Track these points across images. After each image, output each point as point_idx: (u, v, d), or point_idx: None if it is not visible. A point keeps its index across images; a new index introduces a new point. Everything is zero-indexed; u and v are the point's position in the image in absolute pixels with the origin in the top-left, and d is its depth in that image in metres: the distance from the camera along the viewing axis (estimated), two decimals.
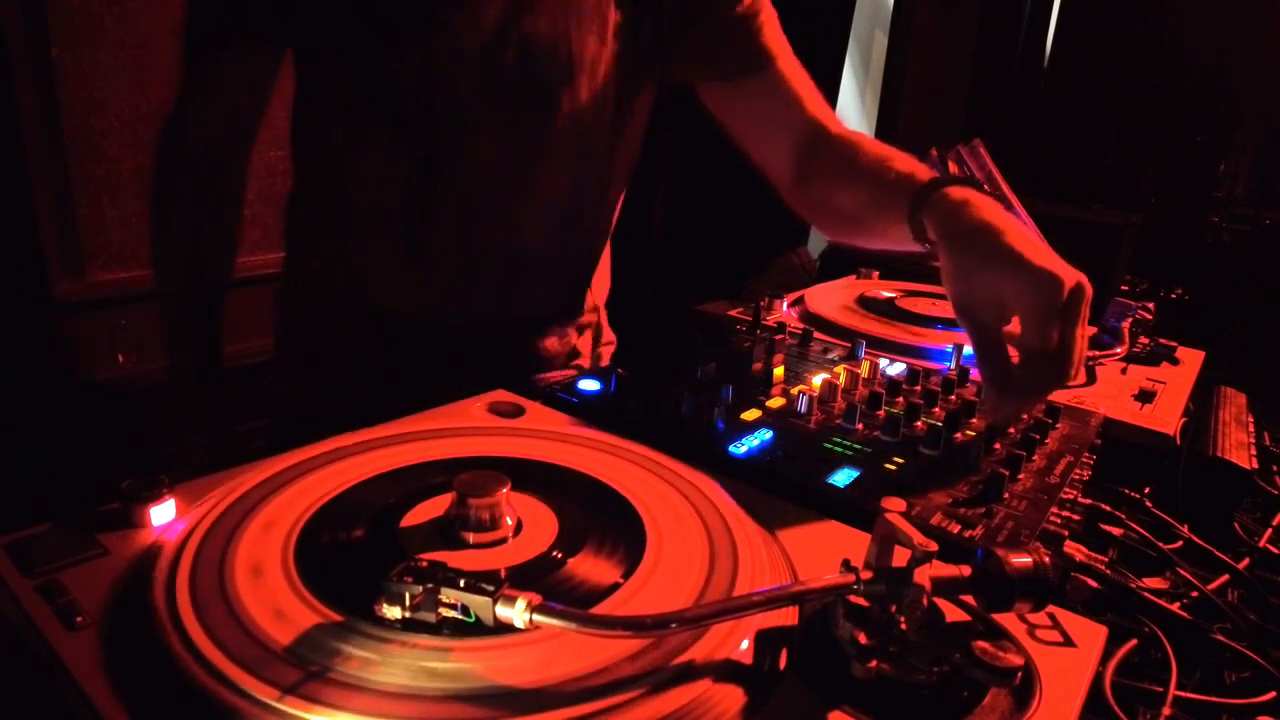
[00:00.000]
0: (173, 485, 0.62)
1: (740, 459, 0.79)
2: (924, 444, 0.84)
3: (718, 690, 0.47)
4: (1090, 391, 1.08)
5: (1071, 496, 0.80)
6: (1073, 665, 0.53)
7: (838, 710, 0.47)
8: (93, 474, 1.49)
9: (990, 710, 0.48)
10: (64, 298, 1.69)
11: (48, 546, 0.56)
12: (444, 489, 0.62)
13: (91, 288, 1.73)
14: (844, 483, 0.75)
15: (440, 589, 0.47)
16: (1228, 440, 0.96)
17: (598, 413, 0.89)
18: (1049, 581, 0.49)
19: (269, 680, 0.44)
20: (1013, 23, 4.63)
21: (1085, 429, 0.93)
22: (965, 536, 0.67)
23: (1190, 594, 0.74)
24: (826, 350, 1.16)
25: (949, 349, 1.15)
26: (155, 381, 1.77)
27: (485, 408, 0.86)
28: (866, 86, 4.26)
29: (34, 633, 0.49)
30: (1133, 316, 1.25)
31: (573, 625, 0.45)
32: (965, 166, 2.19)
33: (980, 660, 0.46)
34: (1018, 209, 2.24)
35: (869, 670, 0.47)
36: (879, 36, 4.19)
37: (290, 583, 0.53)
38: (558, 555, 0.59)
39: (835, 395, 0.96)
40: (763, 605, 0.48)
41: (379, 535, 0.60)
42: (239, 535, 0.58)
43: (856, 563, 0.50)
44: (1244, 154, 4.74)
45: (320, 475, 0.67)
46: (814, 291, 1.49)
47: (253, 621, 0.49)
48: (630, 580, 0.56)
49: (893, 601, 0.48)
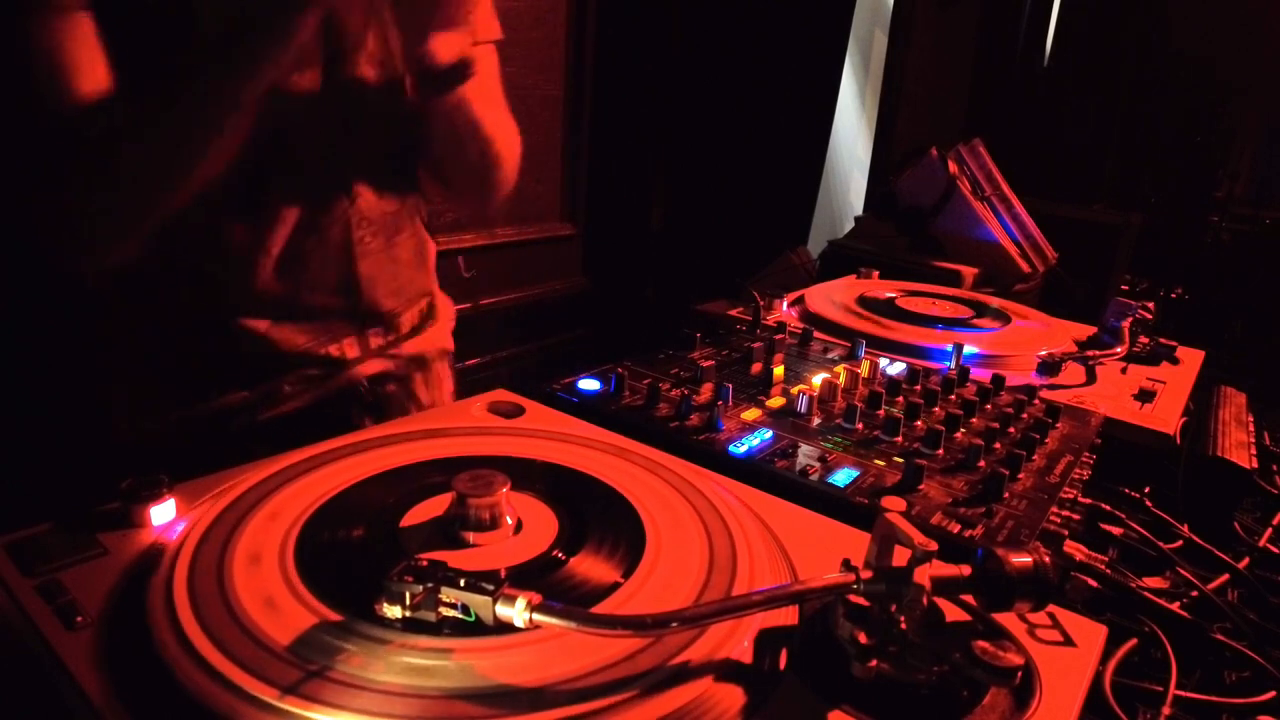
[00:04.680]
0: (173, 485, 0.62)
1: (740, 459, 0.79)
2: (924, 444, 0.84)
3: (718, 690, 0.47)
4: (1090, 391, 1.08)
5: (1071, 496, 0.80)
6: (1073, 665, 0.53)
7: (838, 710, 0.47)
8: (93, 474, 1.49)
9: (990, 710, 0.48)
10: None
11: (48, 546, 0.56)
12: (444, 489, 0.62)
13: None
14: (844, 483, 0.75)
15: (440, 588, 0.47)
16: (1228, 440, 0.96)
17: (598, 413, 0.89)
18: (1049, 581, 0.49)
19: (268, 679, 0.44)
20: (1013, 23, 4.64)
21: (1085, 429, 0.93)
22: (965, 536, 0.67)
23: (1190, 594, 0.74)
24: (826, 350, 1.16)
25: (949, 349, 1.15)
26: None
27: (485, 407, 0.86)
28: (866, 86, 4.26)
29: (34, 632, 0.49)
30: (1133, 316, 1.25)
31: (573, 624, 0.45)
32: (965, 166, 2.19)
33: (980, 660, 0.46)
34: (1018, 209, 2.25)
35: (869, 670, 0.47)
36: (879, 36, 4.19)
37: (289, 583, 0.53)
38: (558, 555, 0.59)
39: (835, 395, 0.96)
40: (762, 605, 0.48)
41: (379, 535, 0.60)
42: (238, 535, 0.58)
43: (856, 562, 0.50)
44: (1244, 154, 4.74)
45: (320, 475, 0.67)
46: (814, 291, 1.49)
47: (251, 621, 0.49)
48: (630, 580, 0.56)
49: (893, 601, 0.48)
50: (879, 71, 4.20)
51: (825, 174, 3.75)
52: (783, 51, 3.10)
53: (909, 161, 2.22)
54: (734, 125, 3.03)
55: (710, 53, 2.80)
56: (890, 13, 4.10)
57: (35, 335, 1.20)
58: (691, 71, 2.76)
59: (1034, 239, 2.25)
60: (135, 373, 0.98)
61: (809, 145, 3.51)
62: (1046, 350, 1.17)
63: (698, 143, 2.97)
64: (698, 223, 3.06)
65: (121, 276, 0.92)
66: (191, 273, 0.93)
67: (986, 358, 1.16)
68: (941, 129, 4.06)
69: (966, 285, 1.98)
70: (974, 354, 1.16)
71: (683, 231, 3.04)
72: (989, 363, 1.16)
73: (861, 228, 2.38)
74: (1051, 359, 1.12)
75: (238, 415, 0.96)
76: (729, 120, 3.02)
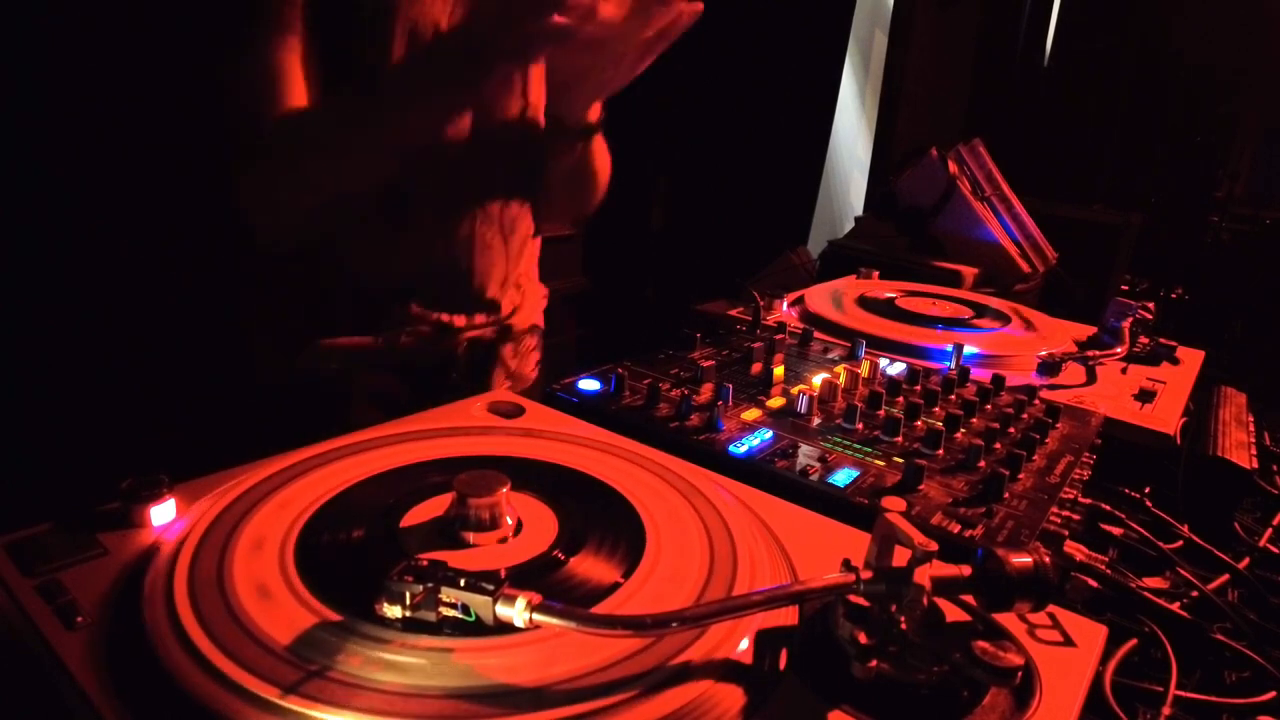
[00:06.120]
0: (173, 485, 0.62)
1: (740, 459, 0.79)
2: (924, 444, 0.84)
3: (718, 690, 0.47)
4: (1090, 391, 1.08)
5: (1071, 496, 0.80)
6: (1073, 665, 0.53)
7: (838, 710, 0.47)
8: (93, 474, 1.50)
9: (990, 710, 0.48)
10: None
11: (48, 546, 0.56)
12: (444, 489, 0.62)
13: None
14: (844, 483, 0.75)
15: (440, 588, 0.47)
16: (1228, 440, 0.96)
17: (598, 413, 0.89)
18: (1049, 581, 0.49)
19: (269, 679, 0.44)
20: (1013, 23, 4.64)
21: (1085, 429, 0.93)
22: (965, 536, 0.67)
23: (1190, 594, 0.74)
24: (826, 350, 1.16)
25: (949, 349, 1.15)
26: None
27: (485, 407, 0.86)
28: (866, 86, 4.26)
29: (34, 632, 0.49)
30: (1133, 316, 1.25)
31: (573, 624, 0.45)
32: (965, 166, 2.19)
33: (980, 660, 0.46)
34: (1018, 209, 2.25)
35: (869, 670, 0.47)
36: (879, 36, 4.19)
37: (289, 582, 0.53)
38: (558, 555, 0.59)
39: (835, 395, 0.96)
40: (762, 605, 0.48)
41: (379, 535, 0.60)
42: (239, 535, 0.58)
43: (856, 562, 0.50)
44: (1244, 154, 4.74)
45: (320, 475, 0.67)
46: (814, 291, 1.49)
47: (251, 621, 0.49)
48: (630, 580, 0.56)
49: (893, 601, 0.48)
50: (879, 71, 4.20)
51: (825, 174, 3.75)
52: (783, 51, 3.11)
53: (909, 161, 2.22)
54: (734, 125, 3.04)
55: (710, 53, 2.80)
56: (890, 13, 4.11)
57: (34, 336, 1.24)
58: (691, 71, 2.76)
59: (1034, 239, 2.25)
60: (281, 324, 1.14)
61: (809, 145, 3.51)
62: (1046, 350, 1.17)
63: (698, 142, 2.97)
64: (698, 223, 3.06)
65: (286, 247, 1.09)
66: (341, 249, 1.09)
67: (986, 358, 1.16)
68: (941, 129, 4.06)
69: (966, 285, 1.98)
70: (974, 354, 1.16)
71: (683, 231, 3.04)
72: (989, 363, 1.16)
73: (861, 228, 2.38)
74: (1051, 359, 1.12)
75: (363, 354, 1.12)
76: (729, 120, 3.02)
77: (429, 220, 1.12)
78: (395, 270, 1.12)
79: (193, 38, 1.26)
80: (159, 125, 1.35)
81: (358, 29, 1.00)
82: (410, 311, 1.13)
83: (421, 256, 1.13)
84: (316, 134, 0.99)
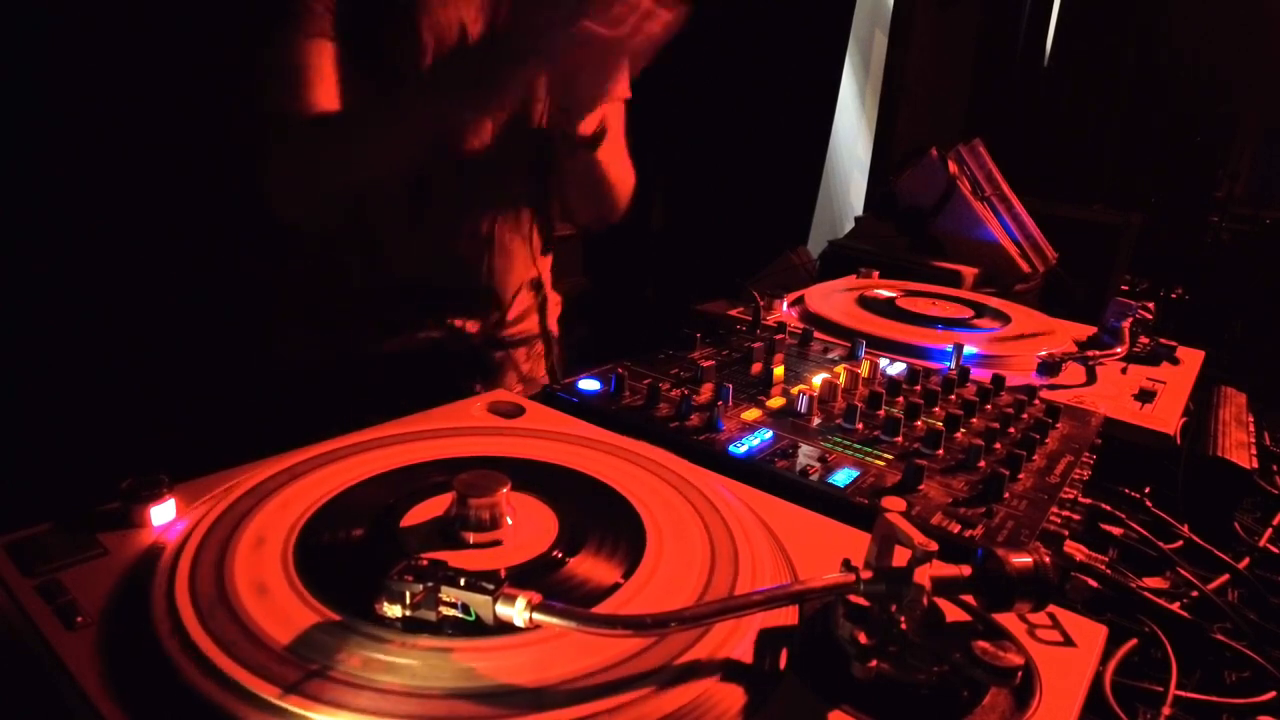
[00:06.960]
0: (173, 485, 0.62)
1: (740, 459, 0.79)
2: (924, 444, 0.84)
3: (718, 690, 0.47)
4: (1090, 391, 1.08)
5: (1071, 496, 0.80)
6: (1073, 665, 0.53)
7: (838, 710, 0.47)
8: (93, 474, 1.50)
9: (990, 710, 0.48)
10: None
11: (48, 546, 0.56)
12: (444, 489, 0.62)
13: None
14: (844, 483, 0.75)
15: (441, 587, 0.47)
16: (1228, 440, 0.96)
17: (598, 413, 0.89)
18: (1049, 581, 0.49)
19: (269, 679, 0.44)
20: (1013, 23, 4.63)
21: (1085, 429, 0.93)
22: (965, 536, 0.67)
23: (1190, 594, 0.74)
24: (826, 350, 1.16)
25: (949, 349, 1.15)
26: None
27: (485, 408, 0.86)
28: (866, 86, 4.27)
29: (34, 632, 0.49)
30: (1133, 316, 1.25)
31: (573, 624, 0.45)
32: (965, 166, 2.19)
33: (980, 660, 0.46)
34: (1018, 209, 2.25)
35: (869, 670, 0.47)
36: (879, 36, 4.19)
37: (290, 582, 0.53)
38: (558, 555, 0.59)
39: (835, 395, 0.96)
40: (763, 605, 0.48)
41: (379, 535, 0.60)
42: (239, 534, 0.58)
43: (856, 562, 0.50)
44: (1244, 154, 4.74)
45: (321, 475, 0.67)
46: (814, 291, 1.49)
47: (251, 620, 0.49)
48: (630, 580, 0.56)
49: (893, 601, 0.48)
50: (879, 71, 4.20)
51: (825, 174, 3.75)
52: (783, 51, 3.10)
53: (909, 161, 2.22)
54: (734, 125, 3.03)
55: (710, 53, 2.79)
56: (890, 13, 4.11)
57: (34, 336, 1.24)
58: (691, 71, 2.75)
59: (1034, 239, 2.25)
60: (302, 314, 1.17)
61: (809, 145, 3.51)
62: (1046, 350, 1.17)
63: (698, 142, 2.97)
64: (698, 223, 3.06)
65: (308, 236, 1.13)
66: (361, 241, 1.12)
67: (986, 358, 1.16)
68: (941, 129, 4.06)
69: (966, 285, 1.98)
70: (974, 354, 1.16)
71: (683, 231, 3.04)
72: (989, 363, 1.16)
73: (861, 228, 2.38)
74: (1051, 359, 1.12)
75: (380, 341, 1.14)
76: (729, 120, 3.02)
77: (448, 217, 1.13)
78: (413, 266, 1.13)
79: (192, 38, 1.27)
80: (159, 125, 1.36)
81: (387, 28, 1.02)
82: (425, 311, 1.15)
83: (439, 253, 1.14)
84: (345, 126, 1.01)
